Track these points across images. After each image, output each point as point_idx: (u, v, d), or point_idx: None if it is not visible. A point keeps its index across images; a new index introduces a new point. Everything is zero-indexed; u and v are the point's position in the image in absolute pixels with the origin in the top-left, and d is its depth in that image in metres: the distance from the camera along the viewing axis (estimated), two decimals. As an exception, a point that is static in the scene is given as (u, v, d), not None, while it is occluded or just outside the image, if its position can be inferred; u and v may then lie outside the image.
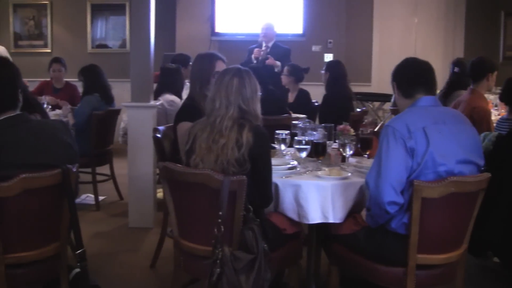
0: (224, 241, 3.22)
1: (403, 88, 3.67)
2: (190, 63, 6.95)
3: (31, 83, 7.98)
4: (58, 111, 7.18)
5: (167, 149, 4.81)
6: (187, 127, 3.74)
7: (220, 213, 3.23)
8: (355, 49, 10.94)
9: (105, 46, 11.54)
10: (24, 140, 3.22)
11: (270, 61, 7.95)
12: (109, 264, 5.14)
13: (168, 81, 6.73)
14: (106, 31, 11.55)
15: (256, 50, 8.23)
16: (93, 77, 6.85)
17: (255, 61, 8.01)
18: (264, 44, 8.30)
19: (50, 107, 7.22)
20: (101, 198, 6.94)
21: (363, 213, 3.70)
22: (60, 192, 3.30)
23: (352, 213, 3.81)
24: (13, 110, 3.27)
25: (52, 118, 6.20)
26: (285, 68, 7.65)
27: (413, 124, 3.39)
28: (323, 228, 3.94)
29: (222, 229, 3.22)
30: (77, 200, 3.77)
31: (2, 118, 3.23)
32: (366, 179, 3.50)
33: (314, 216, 3.77)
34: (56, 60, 8.22)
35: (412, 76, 3.65)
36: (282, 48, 8.39)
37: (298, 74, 7.63)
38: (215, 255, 3.18)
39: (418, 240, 3.38)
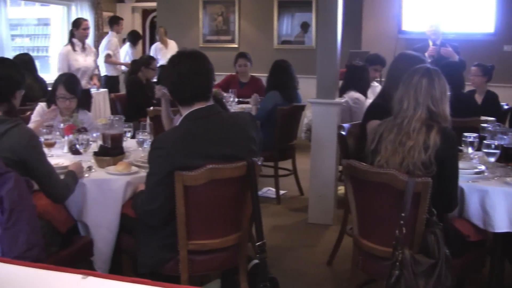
0: (405, 243, 3.15)
1: None
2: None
3: (218, 77, 8.24)
4: (243, 105, 7.36)
5: (351, 147, 4.78)
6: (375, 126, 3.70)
7: (403, 214, 3.16)
8: (552, 48, 10.27)
9: (290, 42, 11.65)
10: (214, 132, 3.31)
11: (445, 50, 7.71)
12: (286, 258, 5.20)
13: (354, 79, 6.67)
14: (292, 28, 11.66)
15: (431, 48, 8.00)
16: (279, 73, 6.92)
17: (429, 60, 7.75)
18: (431, 43, 8.07)
19: (236, 100, 7.40)
20: (282, 192, 7.00)
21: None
22: (244, 184, 3.37)
23: (543, 223, 3.60)
24: (205, 101, 3.36)
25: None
26: (475, 68, 7.31)
27: None
28: (510, 237, 3.75)
29: (404, 231, 3.15)
30: (259, 193, 3.83)
31: (194, 109, 3.33)
32: None
33: (501, 225, 3.62)
34: (242, 55, 8.41)
35: None
36: (451, 46, 8.10)
37: (491, 73, 7.27)
38: (394, 256, 3.13)
39: None
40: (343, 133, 4.84)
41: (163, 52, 11.50)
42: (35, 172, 3.34)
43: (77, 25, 8.05)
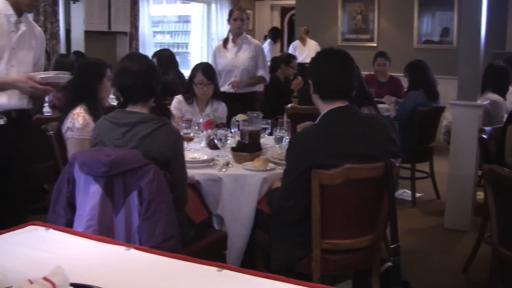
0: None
1: None
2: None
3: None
4: (380, 105, 7.26)
5: (492, 151, 4.61)
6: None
7: (548, 224, 3.02)
8: None
9: (431, 42, 11.39)
10: (352, 131, 3.29)
11: None
12: (419, 262, 5.09)
13: (492, 80, 6.43)
14: (432, 27, 11.39)
15: None
16: (419, 73, 6.82)
17: None
18: None
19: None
20: (418, 195, 6.88)
21: None
22: (381, 185, 3.32)
23: None
24: (345, 100, 3.36)
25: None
26: None
27: None
28: None
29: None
30: (395, 195, 3.76)
31: (332, 108, 3.33)
32: None
33: None
34: (381, 54, 8.31)
35: None
36: None
37: None
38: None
39: None
40: (485, 136, 4.69)
41: (300, 50, 11.55)
42: (171, 173, 3.41)
43: (229, 16, 6.91)
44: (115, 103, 5.91)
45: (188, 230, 3.61)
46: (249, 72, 6.84)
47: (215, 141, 4.49)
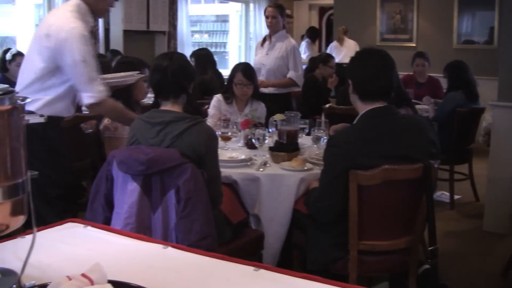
0: None
1: None
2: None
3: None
4: (418, 106, 7.20)
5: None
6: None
7: None
8: None
9: (471, 42, 11.24)
10: (391, 132, 3.25)
11: None
12: (457, 265, 5.04)
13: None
14: (472, 27, 11.24)
15: None
16: (458, 74, 6.76)
17: None
18: None
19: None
20: (456, 197, 6.82)
21: None
22: (420, 187, 3.28)
23: None
24: (384, 101, 3.33)
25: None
26: None
27: None
28: None
29: None
30: (433, 197, 3.73)
31: (370, 108, 3.30)
32: None
33: None
34: (420, 54, 8.23)
35: None
36: None
37: None
38: None
39: None
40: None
41: (337, 51, 11.50)
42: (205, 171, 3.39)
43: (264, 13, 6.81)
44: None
45: (225, 230, 3.61)
46: (277, 73, 6.63)
47: (253, 140, 4.48)
